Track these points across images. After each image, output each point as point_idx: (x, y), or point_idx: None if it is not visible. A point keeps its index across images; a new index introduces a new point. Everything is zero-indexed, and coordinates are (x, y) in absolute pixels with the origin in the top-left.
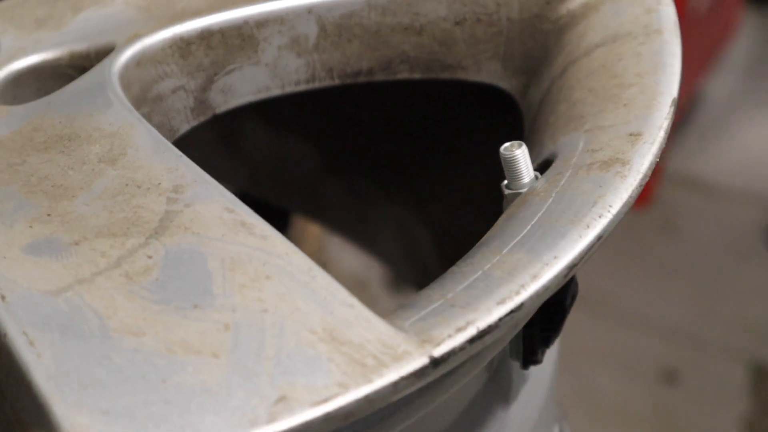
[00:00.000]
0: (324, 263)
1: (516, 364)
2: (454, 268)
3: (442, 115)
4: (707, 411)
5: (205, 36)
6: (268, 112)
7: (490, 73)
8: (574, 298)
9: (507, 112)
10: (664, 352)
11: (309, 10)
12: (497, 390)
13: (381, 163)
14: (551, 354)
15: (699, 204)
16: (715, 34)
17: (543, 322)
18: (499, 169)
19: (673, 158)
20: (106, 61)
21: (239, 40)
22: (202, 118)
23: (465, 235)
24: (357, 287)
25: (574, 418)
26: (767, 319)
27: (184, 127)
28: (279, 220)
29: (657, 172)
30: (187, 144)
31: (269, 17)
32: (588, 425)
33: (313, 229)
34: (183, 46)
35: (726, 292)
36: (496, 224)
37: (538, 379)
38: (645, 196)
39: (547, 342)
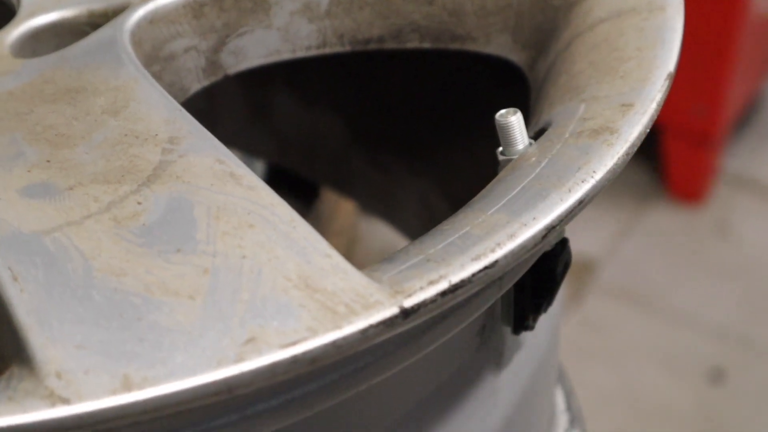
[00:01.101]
0: (355, 239)
1: (508, 330)
2: (438, 227)
3: (456, 87)
4: (752, 412)
5: None
6: (296, 83)
7: (499, 45)
8: (566, 267)
9: (516, 86)
10: (712, 351)
11: None
12: (488, 355)
13: (404, 138)
14: (548, 323)
15: (755, 205)
16: None
17: (534, 289)
18: None
19: (731, 159)
20: (119, 18)
21: (252, 3)
22: (213, 79)
23: None
24: None
25: (617, 414)
26: None
27: (195, 87)
28: (309, 192)
29: (713, 171)
30: (218, 115)
31: None
32: (631, 421)
33: (345, 205)
34: (196, 7)
35: None
36: (486, 188)
37: (532, 347)
38: (700, 195)
39: (537, 309)
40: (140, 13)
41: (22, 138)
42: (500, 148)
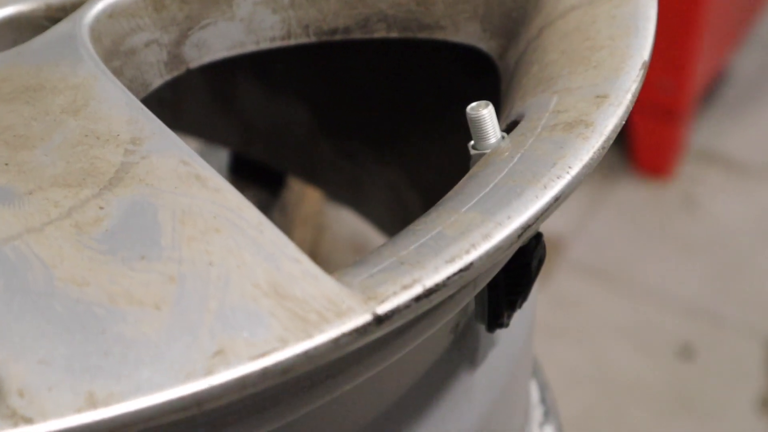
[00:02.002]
0: (321, 227)
1: (483, 328)
2: (410, 227)
3: (426, 76)
4: (722, 387)
5: None
6: (260, 72)
7: (468, 34)
8: (541, 262)
9: (486, 75)
10: (681, 327)
11: None
12: (462, 353)
13: (373, 126)
14: (523, 318)
15: (722, 180)
16: (743, 10)
17: (509, 285)
18: None
19: (697, 134)
20: (77, 13)
21: None
22: (175, 73)
23: None
24: (354, 251)
25: (586, 391)
26: None
27: (157, 82)
28: (275, 182)
29: (680, 146)
30: (182, 105)
31: None
32: (601, 398)
33: (311, 193)
34: None
35: (745, 270)
36: (457, 184)
37: (507, 344)
38: (667, 170)
39: (512, 306)
40: (99, 6)
41: None
42: (472, 142)
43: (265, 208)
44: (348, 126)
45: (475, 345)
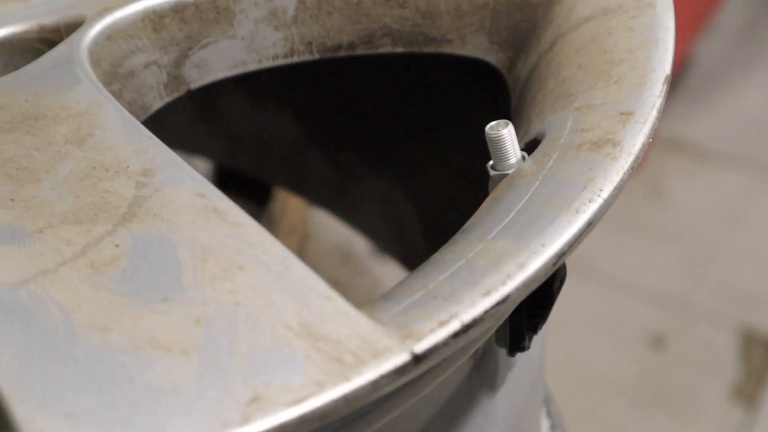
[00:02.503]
0: (306, 236)
1: (502, 351)
2: (436, 256)
3: (427, 89)
4: (694, 377)
5: (179, 9)
6: (247, 84)
7: (475, 46)
8: (562, 282)
9: (493, 87)
10: (652, 317)
11: None
12: (482, 378)
13: (364, 137)
14: (538, 339)
15: (688, 168)
16: None
17: (531, 308)
18: (484, 144)
19: (662, 122)
20: (74, 36)
21: (214, 12)
22: (175, 94)
23: (449, 209)
24: (341, 260)
25: (558, 383)
26: (756, 284)
27: (157, 104)
28: (260, 193)
29: None
30: (165, 117)
31: None
32: (573, 391)
33: (295, 202)
34: (156, 19)
35: (715, 257)
36: (480, 208)
37: (525, 365)
38: None
39: (534, 328)
40: (97, 28)
41: None
42: (491, 162)
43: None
44: (337, 136)
45: (495, 369)
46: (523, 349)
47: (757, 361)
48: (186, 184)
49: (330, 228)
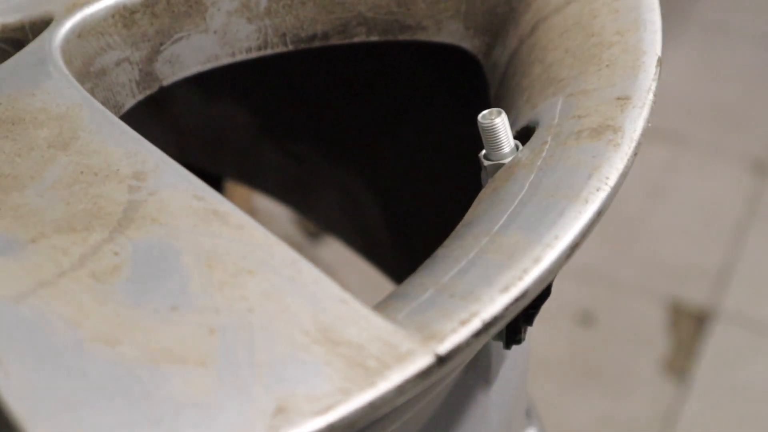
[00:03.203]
0: None
1: (496, 345)
2: (442, 251)
3: (392, 78)
4: (624, 352)
5: (150, 3)
6: (197, 76)
7: (451, 33)
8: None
9: (464, 74)
10: (580, 294)
11: None
12: (478, 373)
13: (323, 128)
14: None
15: None
16: None
17: None
18: (451, 133)
19: None
20: (44, 35)
21: (186, 6)
22: (148, 92)
23: (412, 200)
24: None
25: None
26: (682, 257)
27: (129, 102)
28: (212, 186)
29: None
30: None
31: None
32: None
33: (240, 192)
34: (126, 15)
35: (639, 232)
36: (480, 199)
37: (516, 358)
38: None
39: (530, 320)
40: (67, 26)
41: None
42: (483, 152)
43: None
44: (293, 127)
45: (488, 363)
46: (519, 341)
47: (685, 333)
48: (182, 187)
49: (278, 218)
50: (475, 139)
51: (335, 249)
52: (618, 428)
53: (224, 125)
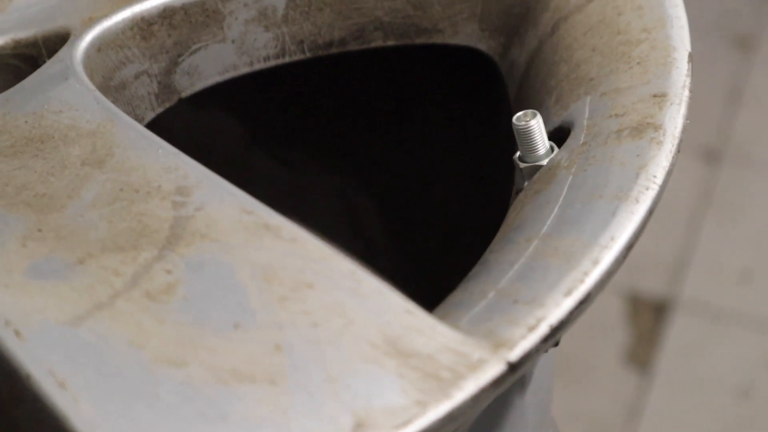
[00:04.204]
0: None
1: None
2: (494, 256)
3: (394, 81)
4: (587, 344)
5: (167, 14)
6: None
7: (467, 35)
8: None
9: (478, 74)
10: None
11: None
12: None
13: (317, 134)
14: None
15: None
16: None
17: None
18: (456, 133)
19: None
20: (65, 50)
21: (203, 16)
22: (167, 104)
23: (411, 203)
24: None
25: None
26: (638, 248)
27: (149, 115)
28: None
29: None
30: None
31: None
32: None
33: None
34: (144, 26)
35: None
36: (522, 202)
37: (546, 361)
38: None
39: None
40: (87, 40)
41: None
42: (518, 154)
43: None
44: (287, 134)
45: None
46: (557, 343)
47: (646, 324)
48: (228, 201)
49: None
50: (481, 140)
51: None
52: (583, 421)
53: (213, 132)
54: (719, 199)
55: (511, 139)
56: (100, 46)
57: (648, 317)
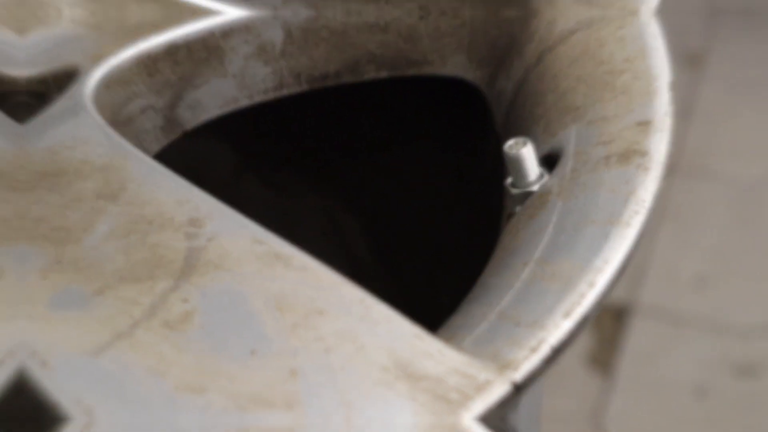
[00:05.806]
0: None
1: None
2: (492, 280)
3: (382, 108)
4: None
5: (172, 51)
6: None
7: (455, 65)
8: None
9: (463, 103)
10: None
11: (274, 15)
12: None
13: (305, 157)
14: None
15: None
16: None
17: None
18: (440, 161)
19: None
20: (75, 87)
21: (206, 52)
22: (171, 137)
23: (396, 225)
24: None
25: None
26: None
27: (154, 148)
28: None
29: None
30: None
31: (234, 26)
32: None
33: None
34: (150, 63)
35: None
36: (516, 227)
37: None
38: None
39: None
40: (96, 76)
41: (14, 237)
42: (509, 180)
43: None
44: (277, 158)
45: None
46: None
47: (607, 329)
48: (240, 232)
49: None
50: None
51: None
52: (547, 424)
53: (206, 159)
54: (674, 209)
55: (497, 164)
56: (108, 82)
57: (609, 322)
